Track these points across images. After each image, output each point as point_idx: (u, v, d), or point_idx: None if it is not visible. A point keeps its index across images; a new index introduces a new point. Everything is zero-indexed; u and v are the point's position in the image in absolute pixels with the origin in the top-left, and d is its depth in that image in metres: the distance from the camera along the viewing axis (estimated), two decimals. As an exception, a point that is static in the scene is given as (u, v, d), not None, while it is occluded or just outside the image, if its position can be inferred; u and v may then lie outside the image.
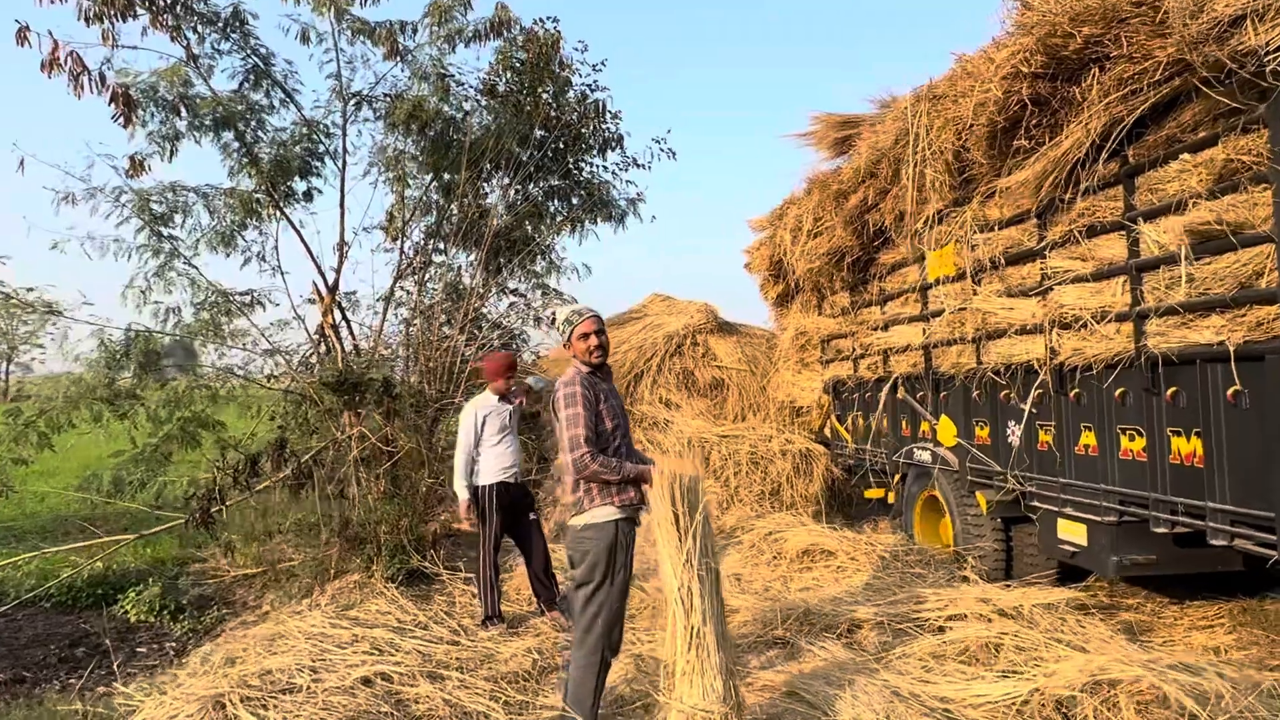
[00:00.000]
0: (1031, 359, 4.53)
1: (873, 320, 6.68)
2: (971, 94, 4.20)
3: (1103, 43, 3.37)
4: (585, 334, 3.29)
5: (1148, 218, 3.60)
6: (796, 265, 7.34)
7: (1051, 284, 4.25)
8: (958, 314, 5.21)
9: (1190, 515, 3.52)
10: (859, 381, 7.09)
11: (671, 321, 9.55)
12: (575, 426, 3.12)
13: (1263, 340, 3.08)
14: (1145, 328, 3.67)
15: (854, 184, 6.08)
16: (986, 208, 4.86)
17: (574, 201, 11.32)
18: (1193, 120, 3.32)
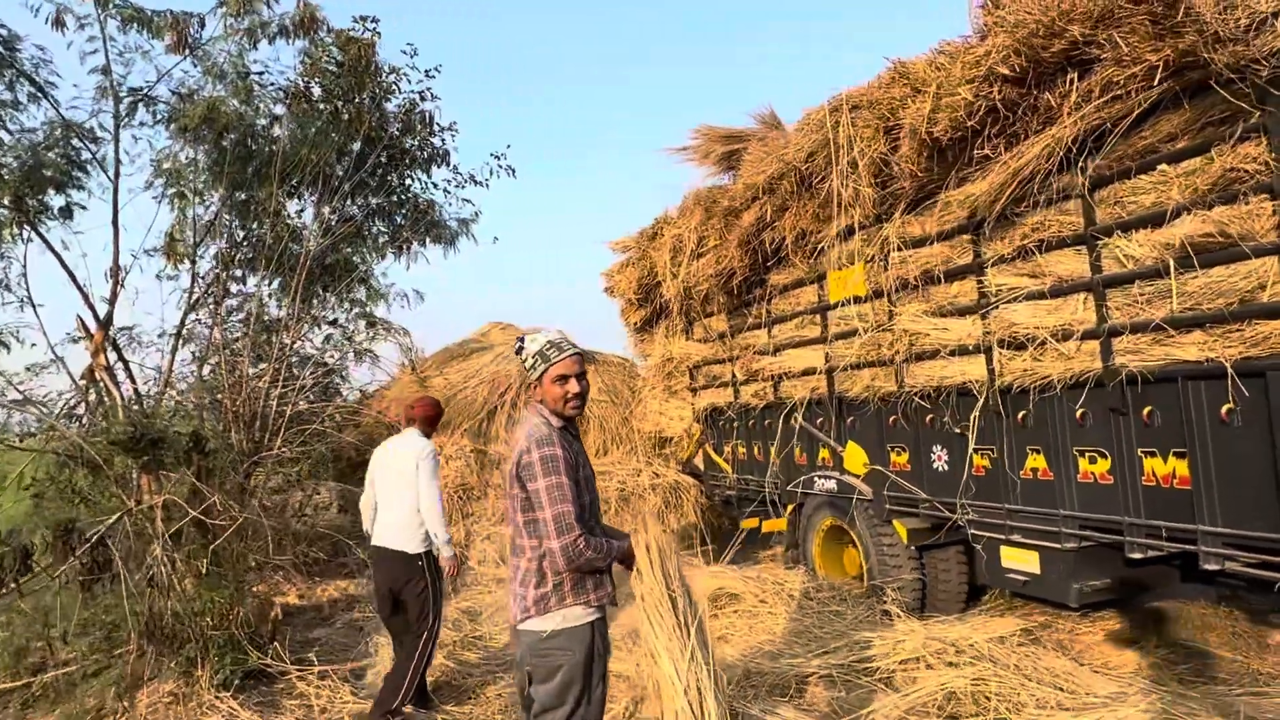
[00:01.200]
0: (968, 380, 4.32)
1: (760, 344, 6.35)
2: (917, 101, 3.92)
3: (1088, 45, 3.17)
4: (563, 376, 2.51)
5: (1117, 231, 3.45)
6: (669, 288, 6.89)
7: (996, 302, 4.05)
8: (875, 335, 4.95)
9: (1175, 539, 3.37)
10: (742, 409, 6.72)
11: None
12: (562, 502, 2.35)
13: (1265, 356, 2.95)
14: (1114, 345, 3.52)
15: (747, 201, 5.72)
16: (908, 224, 4.63)
17: (399, 221, 10.22)
18: (1171, 130, 3.19)
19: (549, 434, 2.42)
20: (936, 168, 4.14)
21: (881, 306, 4.96)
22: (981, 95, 3.49)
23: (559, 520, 2.35)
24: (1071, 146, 3.46)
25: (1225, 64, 2.72)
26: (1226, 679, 3.84)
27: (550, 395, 2.50)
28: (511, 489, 2.45)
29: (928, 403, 4.66)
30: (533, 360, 2.54)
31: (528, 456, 2.38)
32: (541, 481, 2.36)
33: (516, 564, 2.51)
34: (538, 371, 2.53)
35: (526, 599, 2.45)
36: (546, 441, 2.39)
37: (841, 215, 4.85)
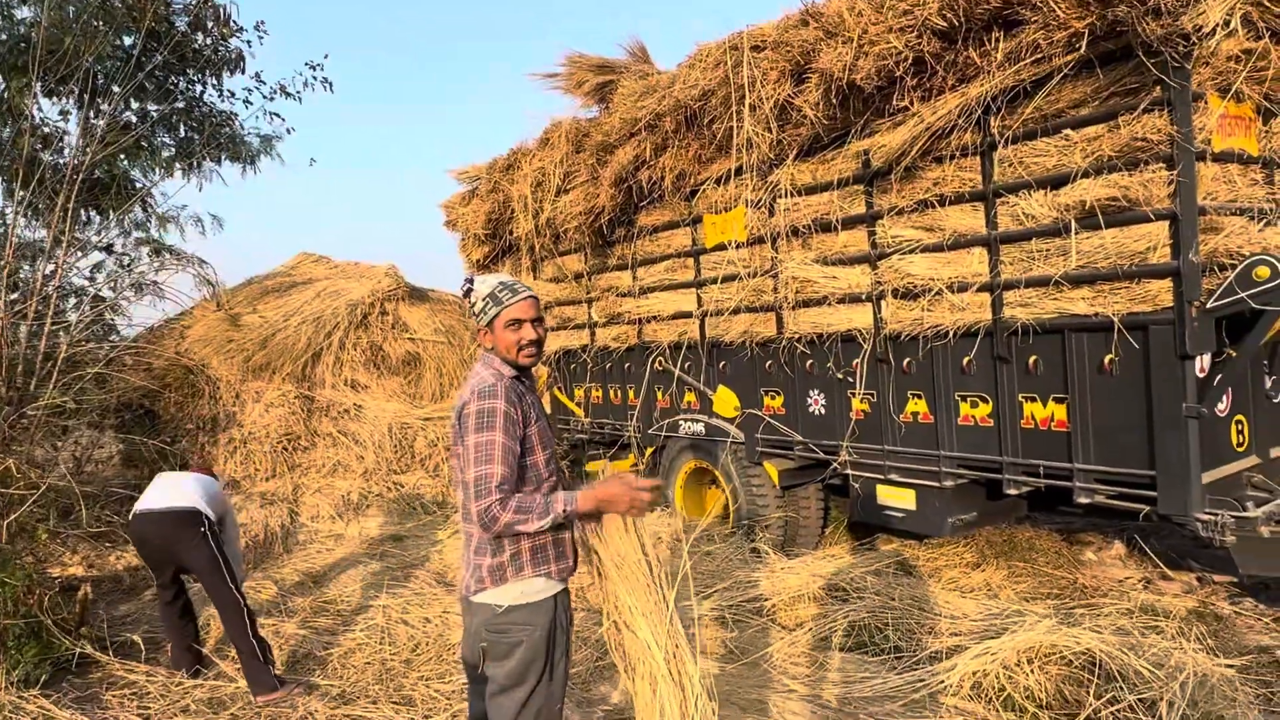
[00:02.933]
0: (854, 328, 4.42)
1: (623, 286, 6.14)
2: (832, 46, 3.83)
3: (1019, 5, 3.21)
4: (517, 321, 2.25)
5: (1020, 190, 3.61)
6: (524, 225, 6.46)
7: (891, 252, 4.13)
8: (757, 282, 4.92)
9: (1051, 476, 3.67)
10: (600, 351, 6.52)
11: (353, 288, 7.86)
12: (487, 463, 2.09)
13: (1150, 312, 3.23)
14: (1006, 298, 3.71)
15: (623, 136, 5.41)
16: (799, 171, 4.60)
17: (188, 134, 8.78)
18: (1079, 96, 3.34)
19: (493, 385, 2.16)
20: (841, 115, 4.11)
21: (762, 253, 4.93)
22: (910, 45, 3.45)
23: (478, 482, 2.09)
24: (985, 104, 3.55)
25: (1157, 36, 2.85)
26: (1059, 594, 4.33)
27: (503, 342, 2.25)
28: (455, 446, 2.20)
29: (809, 349, 4.73)
30: (483, 304, 2.26)
31: (467, 408, 2.14)
32: (471, 437, 2.10)
33: (469, 530, 2.23)
34: (488, 316, 2.26)
35: (481, 569, 2.19)
36: (488, 394, 2.14)
37: (733, 158, 4.71)
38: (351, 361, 7.43)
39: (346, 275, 8.34)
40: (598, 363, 6.59)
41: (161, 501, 3.58)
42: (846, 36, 3.72)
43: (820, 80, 3.91)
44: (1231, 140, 3.22)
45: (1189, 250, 3.05)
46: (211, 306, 7.94)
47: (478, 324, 2.30)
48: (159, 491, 3.65)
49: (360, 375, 7.40)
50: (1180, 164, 3.05)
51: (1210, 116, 3.09)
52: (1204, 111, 3.09)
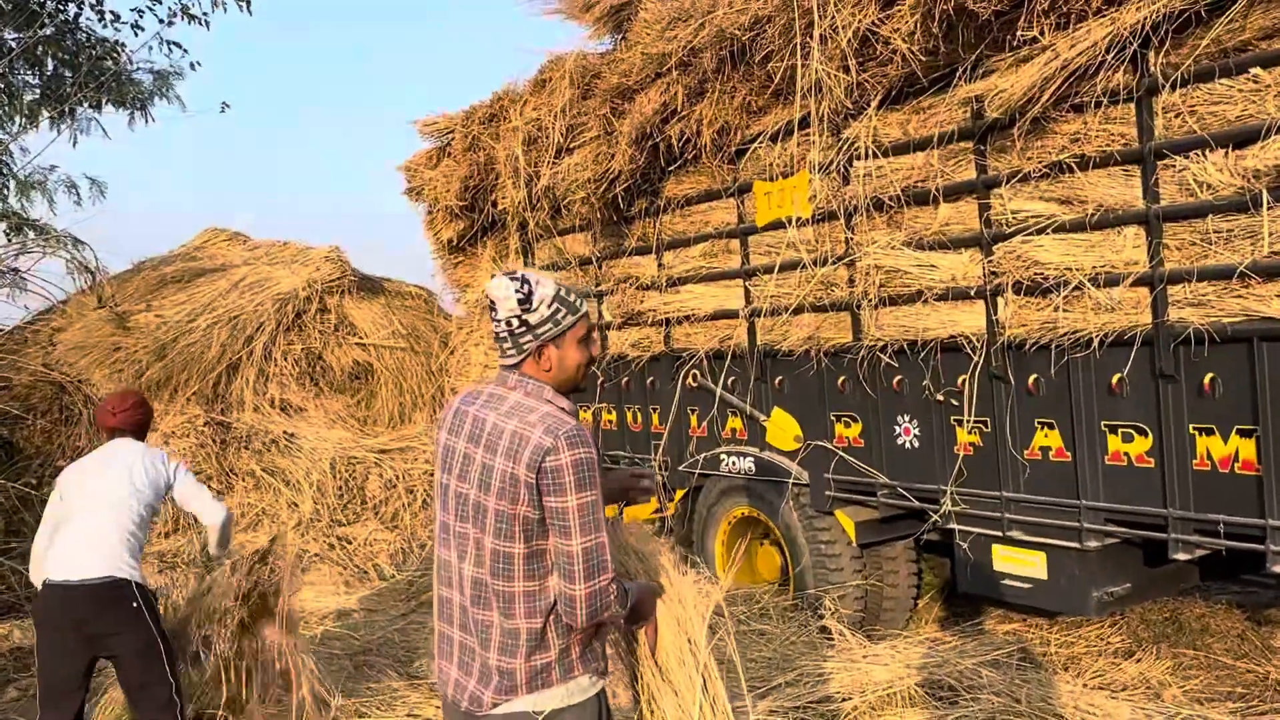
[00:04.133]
0: (959, 334, 4.32)
1: (646, 276, 6.07)
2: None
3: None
4: (590, 333, 2.26)
5: (1181, 149, 3.50)
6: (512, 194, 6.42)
7: (1013, 231, 4.03)
8: (828, 271, 4.83)
9: (1235, 536, 3.55)
10: (614, 362, 6.46)
11: (283, 277, 7.83)
12: (597, 530, 2.08)
13: (1375, 315, 3.12)
14: (1170, 295, 3.61)
15: (646, 78, 5.36)
16: (884, 123, 4.51)
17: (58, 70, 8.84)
18: (1270, 25, 3.23)
19: (579, 429, 2.12)
20: (945, 49, 4.02)
21: (834, 233, 4.84)
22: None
23: (591, 556, 2.07)
24: (1140, 35, 3.45)
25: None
26: (1244, 693, 4.22)
27: (572, 361, 2.22)
28: (499, 500, 2.10)
29: (897, 361, 4.64)
30: (551, 310, 2.15)
31: (555, 459, 2.05)
32: (573, 498, 2.05)
33: (483, 620, 2.17)
34: (561, 326, 2.17)
35: (514, 674, 2.15)
36: (580, 440, 2.09)
37: (795, 107, 4.63)
38: (281, 375, 7.38)
39: (273, 260, 8.30)
40: (611, 376, 6.53)
41: (77, 569, 3.49)
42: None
43: (918, 2, 3.82)
44: None
45: None
46: (91, 302, 7.89)
47: (536, 339, 2.17)
48: (72, 545, 3.55)
49: (292, 394, 7.35)
50: None
51: None
52: None
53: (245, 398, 7.24)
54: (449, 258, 7.78)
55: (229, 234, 9.54)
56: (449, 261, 7.82)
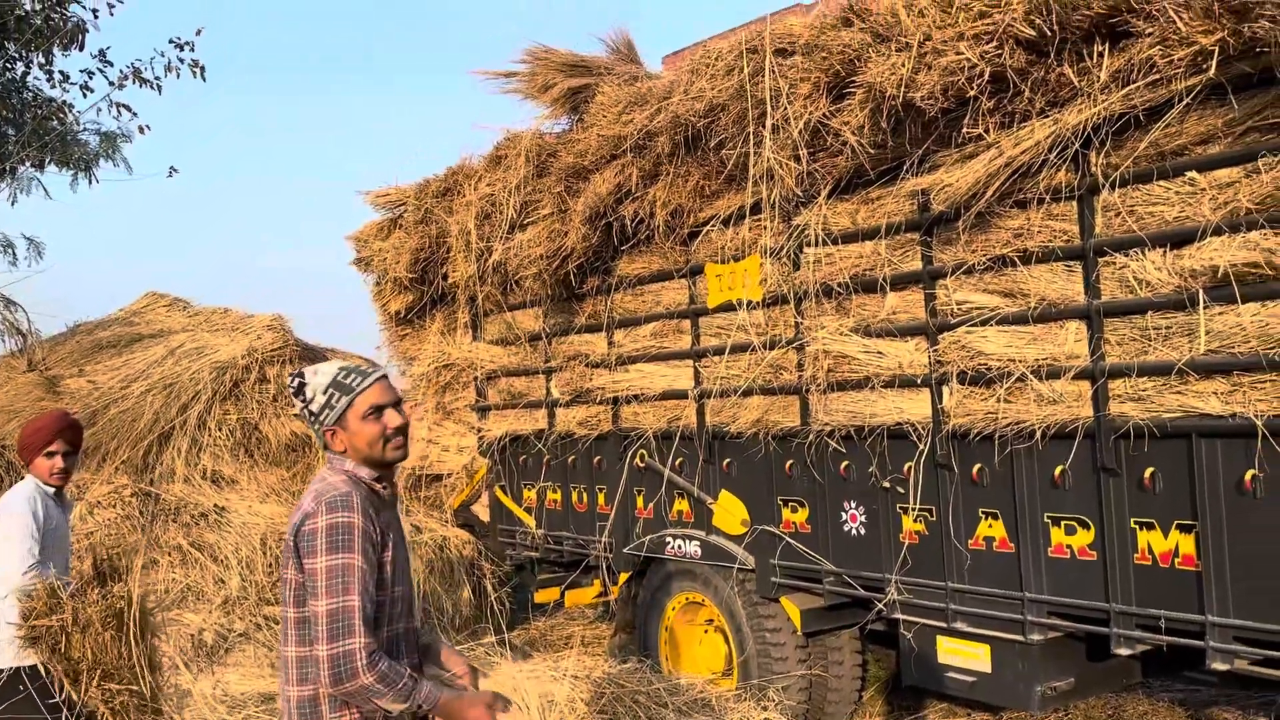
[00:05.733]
0: (906, 421, 4.36)
1: (596, 353, 6.07)
2: (884, 53, 3.86)
3: (1130, 14, 3.26)
4: (376, 408, 2.37)
5: (1121, 247, 3.61)
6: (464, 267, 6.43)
7: (959, 322, 4.10)
8: (777, 354, 4.87)
9: (1176, 632, 3.57)
10: (561, 440, 6.41)
11: (222, 345, 7.71)
12: (345, 592, 2.19)
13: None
14: (1112, 389, 3.67)
15: (602, 159, 5.43)
16: (834, 211, 4.60)
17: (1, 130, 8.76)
18: (1205, 131, 3.37)
19: (347, 494, 2.27)
20: (893, 143, 4.13)
21: (784, 316, 4.90)
22: (988, 58, 3.49)
23: (336, 618, 2.17)
24: (1081, 136, 3.57)
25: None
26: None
27: (363, 438, 2.35)
28: (285, 569, 2.31)
29: (844, 447, 4.66)
30: (326, 396, 2.35)
31: (311, 522, 2.24)
32: (323, 559, 2.19)
33: (284, 689, 2.31)
34: (337, 410, 2.35)
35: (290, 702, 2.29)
36: (340, 504, 2.25)
37: (747, 193, 4.71)
38: (215, 446, 7.21)
39: (214, 327, 8.18)
40: (557, 454, 6.48)
41: None
42: (903, 42, 3.75)
43: (867, 97, 3.93)
44: (1407, 194, 3.24)
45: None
46: (21, 364, 7.71)
47: (321, 426, 2.38)
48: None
49: (226, 465, 7.18)
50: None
51: (1381, 162, 3.12)
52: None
53: (176, 468, 7.05)
54: (396, 329, 7.75)
55: (169, 299, 9.40)
56: (396, 333, 7.78)
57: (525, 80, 5.94)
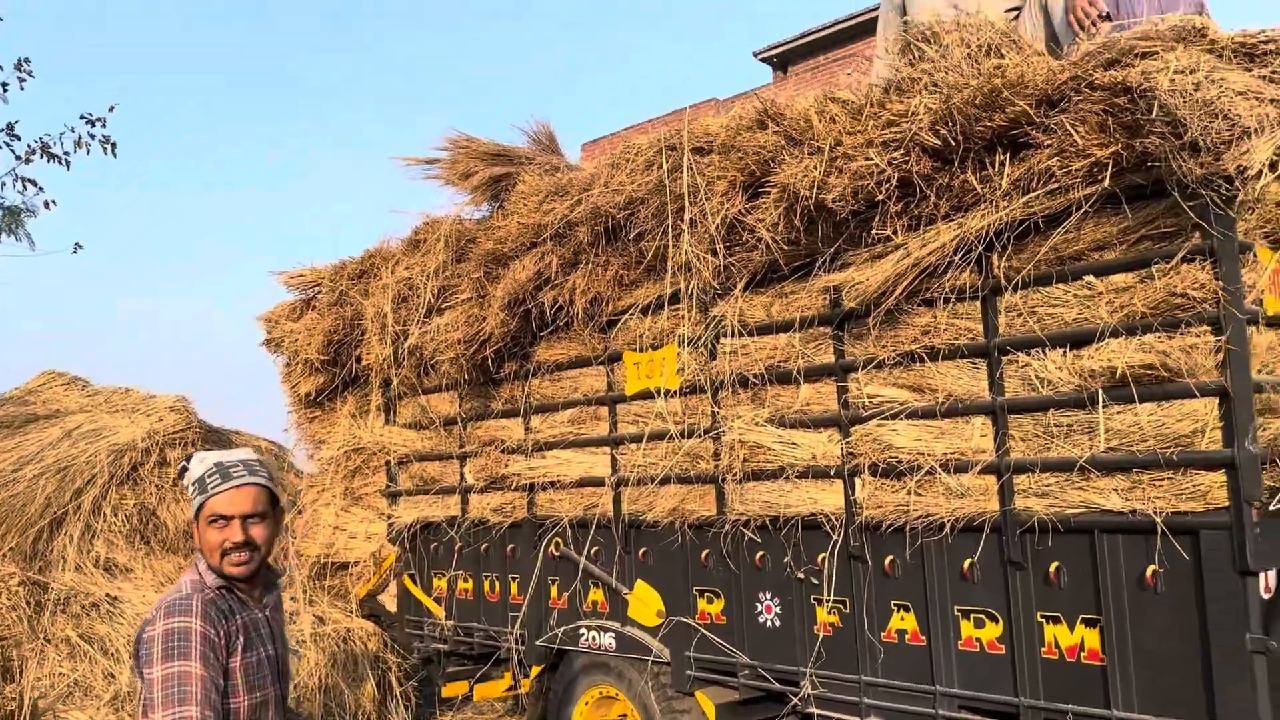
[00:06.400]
0: (819, 512, 4.39)
1: (510, 439, 6.01)
2: (797, 155, 3.99)
3: (1030, 126, 3.43)
4: (220, 517, 2.39)
5: (1023, 347, 3.73)
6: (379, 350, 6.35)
7: (870, 415, 4.18)
8: (694, 443, 4.88)
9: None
10: (473, 527, 6.28)
11: (122, 426, 7.43)
12: (181, 702, 2.15)
13: (1200, 512, 3.32)
14: (1017, 484, 3.77)
15: (522, 246, 5.46)
16: (750, 304, 4.68)
17: None
18: (1102, 238, 3.54)
19: (188, 599, 2.29)
20: (806, 240, 4.23)
21: (700, 405, 4.93)
22: (895, 164, 3.62)
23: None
24: (984, 240, 3.72)
25: (1195, 177, 3.06)
26: None
27: (205, 543, 2.38)
28: (134, 679, 2.30)
29: (760, 537, 4.67)
30: (193, 488, 2.42)
31: (150, 629, 2.25)
32: (159, 668, 2.18)
33: None
34: (194, 506, 2.43)
35: None
36: (179, 609, 2.26)
37: (666, 284, 4.78)
38: (110, 532, 6.89)
39: (113, 408, 7.89)
40: (470, 543, 6.35)
41: None
42: (815, 146, 3.88)
43: (781, 197, 4.04)
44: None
45: (1245, 437, 3.18)
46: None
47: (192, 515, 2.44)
48: None
49: (120, 553, 6.85)
50: (1229, 328, 3.22)
51: (1261, 272, 3.31)
52: (1253, 266, 3.31)
53: (68, 555, 6.69)
54: (305, 412, 7.56)
55: (68, 378, 9.05)
56: (305, 416, 7.59)
57: (446, 167, 5.97)
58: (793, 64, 24.87)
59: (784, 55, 25.11)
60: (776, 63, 25.49)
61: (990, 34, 3.62)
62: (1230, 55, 3.32)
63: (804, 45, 24.40)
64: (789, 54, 24.97)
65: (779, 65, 25.45)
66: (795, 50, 24.75)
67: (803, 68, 24.21)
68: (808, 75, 23.05)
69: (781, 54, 25.12)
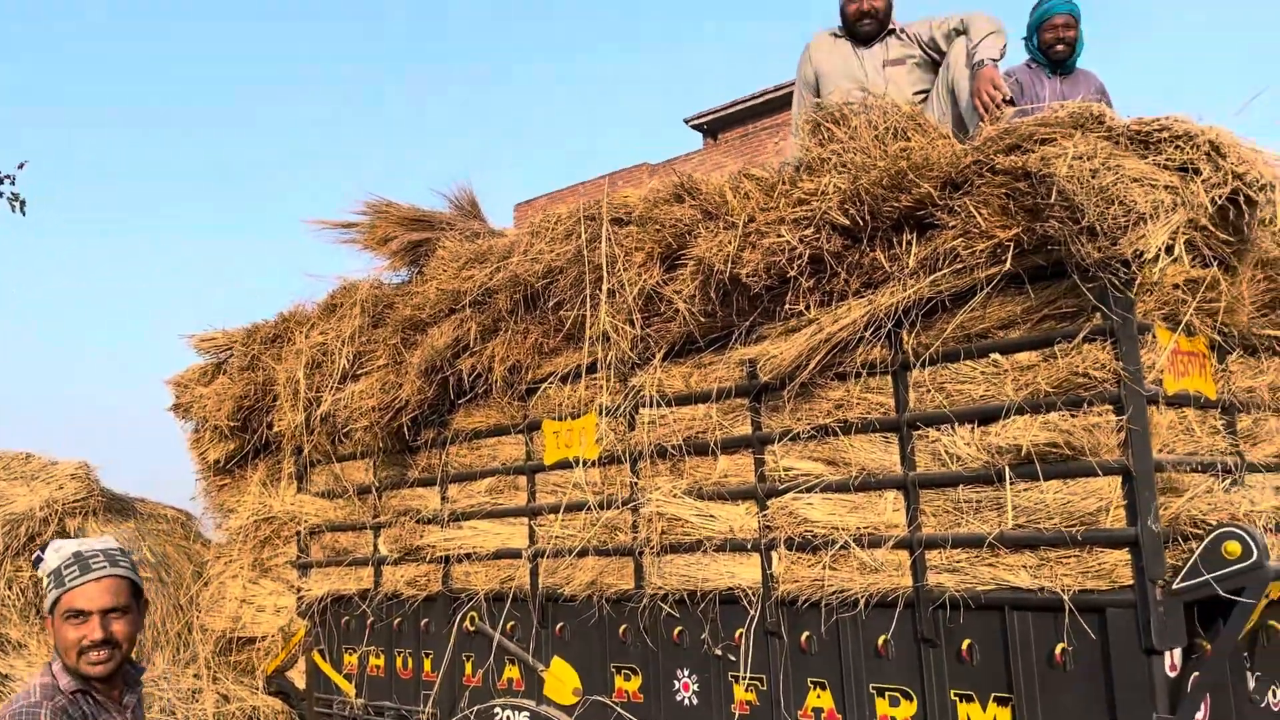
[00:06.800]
0: (737, 586, 4.35)
1: (426, 509, 5.87)
2: (712, 229, 4.03)
3: (935, 208, 3.50)
4: (78, 613, 2.22)
5: (933, 422, 3.77)
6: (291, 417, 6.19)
7: (785, 488, 4.17)
8: (613, 514, 4.82)
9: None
10: (387, 600, 6.09)
11: (19, 495, 7.11)
12: None
13: (1105, 590, 3.35)
14: (929, 559, 3.77)
15: (441, 312, 5.40)
16: (669, 374, 4.67)
17: None
18: (1007, 316, 3.61)
19: (37, 705, 2.13)
20: (722, 313, 4.25)
21: (619, 476, 4.88)
22: (807, 241, 3.67)
23: None
24: (894, 317, 3.77)
25: (1093, 260, 3.15)
26: None
27: (60, 640, 2.22)
28: None
29: (678, 612, 4.60)
30: (49, 580, 2.25)
31: None
32: None
33: None
34: (49, 600, 2.25)
35: None
36: (26, 716, 2.11)
37: (584, 353, 4.75)
38: (3, 606, 6.55)
39: (11, 475, 7.54)
40: (383, 617, 6.14)
41: None
42: (730, 221, 3.92)
43: (697, 270, 4.07)
44: (1185, 381, 3.54)
45: (1147, 515, 3.23)
46: None
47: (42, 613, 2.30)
48: None
49: (13, 628, 6.50)
50: (1130, 407, 3.29)
51: (1160, 352, 3.40)
52: (1152, 346, 3.40)
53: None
54: (215, 479, 7.32)
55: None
56: (214, 484, 7.35)
57: (364, 232, 5.91)
58: (722, 131, 25.36)
59: (714, 123, 25.61)
60: (707, 130, 25.98)
61: (897, 117, 3.71)
62: (1126, 142, 3.43)
63: (733, 114, 24.91)
64: (718, 122, 25.48)
65: (709, 132, 25.93)
66: (725, 118, 25.26)
67: (732, 135, 24.71)
68: (737, 143, 23.54)
69: (711, 122, 25.62)
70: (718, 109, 25.28)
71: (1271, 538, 3.49)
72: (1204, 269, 3.47)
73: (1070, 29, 5.14)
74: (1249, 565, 3.12)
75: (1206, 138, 3.30)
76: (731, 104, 24.88)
